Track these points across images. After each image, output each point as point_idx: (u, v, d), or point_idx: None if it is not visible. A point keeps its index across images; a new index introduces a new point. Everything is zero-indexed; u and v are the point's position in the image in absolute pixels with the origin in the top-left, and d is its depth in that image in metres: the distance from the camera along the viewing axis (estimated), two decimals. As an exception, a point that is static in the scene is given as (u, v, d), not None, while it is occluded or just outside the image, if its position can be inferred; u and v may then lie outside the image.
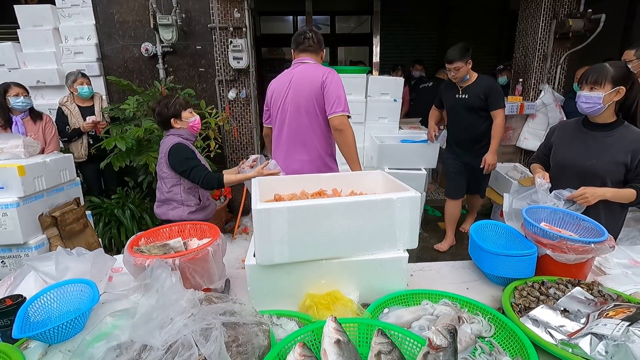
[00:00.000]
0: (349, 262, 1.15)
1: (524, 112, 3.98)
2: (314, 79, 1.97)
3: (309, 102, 1.99)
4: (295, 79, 2.02)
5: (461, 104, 2.92)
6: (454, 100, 2.96)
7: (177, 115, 1.96)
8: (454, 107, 3.00)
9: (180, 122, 1.97)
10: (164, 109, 1.95)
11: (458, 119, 3.01)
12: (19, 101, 2.80)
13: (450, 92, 3.00)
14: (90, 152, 3.39)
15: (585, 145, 1.66)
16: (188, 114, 1.99)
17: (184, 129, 1.98)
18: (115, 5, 3.90)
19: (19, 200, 1.98)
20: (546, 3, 3.91)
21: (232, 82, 4.07)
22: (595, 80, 1.55)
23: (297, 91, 2.00)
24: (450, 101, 3.02)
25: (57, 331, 0.95)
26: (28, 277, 1.26)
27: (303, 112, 2.01)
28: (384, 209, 1.12)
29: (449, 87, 3.03)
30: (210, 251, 1.12)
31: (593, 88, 1.56)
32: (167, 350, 0.76)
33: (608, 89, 1.53)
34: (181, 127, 1.98)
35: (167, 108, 1.94)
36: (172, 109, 1.94)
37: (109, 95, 4.10)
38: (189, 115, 1.99)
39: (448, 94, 3.03)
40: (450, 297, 1.16)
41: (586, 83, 1.58)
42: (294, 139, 2.06)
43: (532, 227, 1.32)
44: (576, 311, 1.05)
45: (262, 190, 1.32)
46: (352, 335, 0.91)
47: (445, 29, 7.35)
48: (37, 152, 2.30)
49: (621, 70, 1.54)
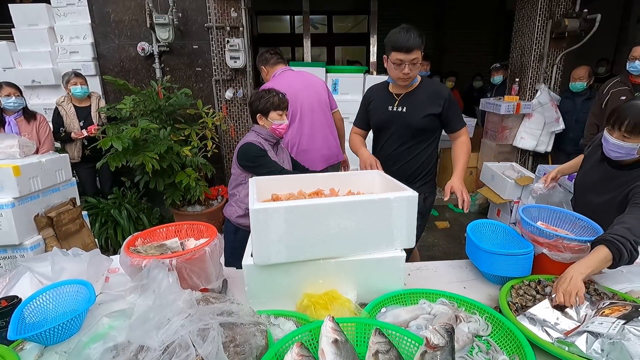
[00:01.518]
0: (346, 262, 1.15)
1: (520, 111, 4.00)
2: (320, 83, 2.57)
3: (324, 99, 2.54)
4: (308, 82, 2.49)
5: (398, 122, 1.87)
6: (387, 115, 1.89)
7: (265, 112, 1.90)
8: (385, 125, 1.92)
9: (265, 120, 1.91)
10: (255, 101, 1.92)
11: (390, 144, 1.93)
12: (10, 101, 2.78)
13: (380, 102, 1.93)
14: (85, 153, 3.36)
15: (606, 178, 1.51)
16: (276, 115, 1.90)
17: (266, 129, 1.92)
18: (111, 4, 3.88)
19: (14, 200, 1.96)
20: (542, 3, 3.94)
21: (229, 81, 4.06)
22: (632, 130, 1.30)
23: (315, 91, 2.49)
24: (381, 116, 1.92)
25: (53, 332, 0.95)
26: (24, 278, 1.25)
27: (324, 107, 2.54)
28: (382, 209, 1.13)
29: (380, 95, 1.95)
30: (207, 251, 1.12)
31: (626, 137, 1.33)
32: (164, 350, 0.75)
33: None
34: (264, 125, 1.93)
35: (258, 101, 1.91)
36: (262, 104, 1.90)
37: (105, 95, 4.08)
38: (276, 117, 1.91)
39: (378, 105, 1.94)
40: (447, 296, 1.16)
41: (619, 129, 1.33)
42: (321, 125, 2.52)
43: (529, 226, 1.33)
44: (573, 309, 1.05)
45: (260, 190, 1.32)
46: (349, 334, 0.91)
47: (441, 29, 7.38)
48: (32, 152, 2.29)
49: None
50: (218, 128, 3.99)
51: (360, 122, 2.09)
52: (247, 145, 1.87)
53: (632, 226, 1.18)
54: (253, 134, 1.94)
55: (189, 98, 3.72)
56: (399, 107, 1.87)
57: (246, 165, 1.89)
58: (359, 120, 2.09)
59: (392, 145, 1.93)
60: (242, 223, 1.94)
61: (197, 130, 3.63)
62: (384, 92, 1.95)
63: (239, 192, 1.96)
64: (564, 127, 3.77)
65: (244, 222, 1.94)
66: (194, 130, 3.60)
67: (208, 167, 3.64)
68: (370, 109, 1.99)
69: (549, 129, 3.90)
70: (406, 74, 1.73)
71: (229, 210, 2.01)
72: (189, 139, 3.57)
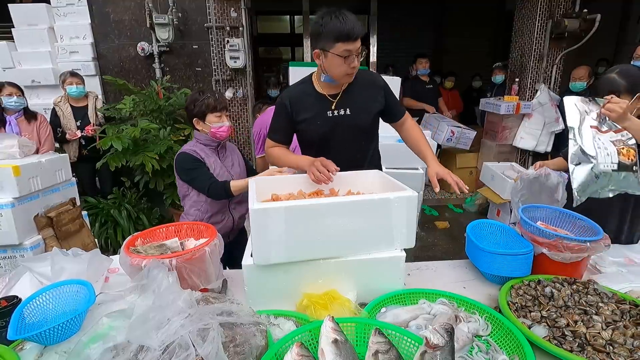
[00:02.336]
0: (346, 262, 1.15)
1: (520, 111, 4.01)
2: None
3: None
4: None
5: (342, 127, 1.58)
6: (328, 122, 1.57)
7: (201, 116, 1.75)
8: (327, 135, 1.58)
9: (202, 124, 1.76)
10: (189, 105, 1.78)
11: (336, 153, 1.54)
12: (11, 101, 2.78)
13: (312, 109, 1.57)
14: (82, 153, 3.36)
15: None
16: (214, 117, 1.74)
17: (206, 133, 1.77)
18: (111, 4, 3.88)
19: (14, 200, 1.97)
20: (542, 3, 3.94)
21: (229, 81, 4.06)
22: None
23: None
24: (320, 126, 1.57)
25: (53, 332, 0.95)
26: (23, 278, 1.26)
27: None
28: (381, 209, 1.13)
29: (307, 101, 1.57)
30: (207, 251, 1.12)
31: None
32: (164, 350, 0.75)
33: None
34: (203, 130, 1.77)
35: (192, 105, 1.76)
36: (198, 107, 1.74)
37: (105, 95, 4.08)
38: (214, 120, 1.75)
39: (311, 115, 1.57)
40: (447, 296, 1.16)
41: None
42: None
43: (529, 226, 1.33)
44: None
45: (260, 190, 1.32)
46: (349, 334, 0.91)
47: (441, 29, 7.38)
48: (32, 152, 2.29)
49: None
50: (218, 128, 3.99)
51: (282, 135, 1.64)
52: (181, 155, 1.75)
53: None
54: (192, 142, 1.82)
55: (189, 98, 3.72)
56: (340, 109, 1.57)
57: (181, 177, 1.79)
58: (279, 133, 1.64)
59: (340, 152, 1.58)
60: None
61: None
62: (312, 96, 1.57)
63: (186, 204, 1.85)
64: (564, 127, 3.77)
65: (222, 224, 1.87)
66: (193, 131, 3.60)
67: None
68: (299, 121, 1.57)
69: (548, 129, 3.90)
70: (354, 67, 1.43)
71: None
72: (189, 139, 3.57)
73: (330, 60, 1.42)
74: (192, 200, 1.82)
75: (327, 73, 1.48)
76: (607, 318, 1.01)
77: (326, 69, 1.47)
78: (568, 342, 0.94)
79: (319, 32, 1.39)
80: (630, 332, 0.95)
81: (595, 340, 0.93)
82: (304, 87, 1.60)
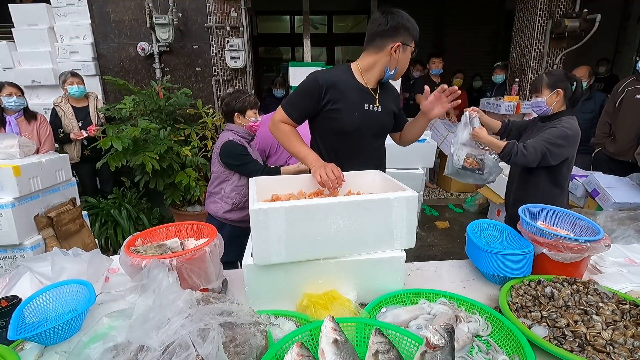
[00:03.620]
0: (346, 262, 1.15)
1: (520, 111, 4.01)
2: None
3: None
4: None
5: (370, 124, 1.57)
6: (363, 115, 1.53)
7: (242, 111, 2.04)
8: (357, 129, 1.54)
9: (243, 118, 2.05)
10: (232, 100, 2.04)
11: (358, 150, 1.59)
12: (11, 101, 2.78)
13: (352, 97, 1.51)
14: (84, 153, 3.36)
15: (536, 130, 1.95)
16: (252, 114, 2.06)
17: (243, 127, 2.06)
18: (111, 4, 3.88)
19: (15, 200, 1.97)
20: (542, 3, 3.94)
21: (229, 81, 4.06)
22: (532, 89, 1.94)
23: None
24: (356, 117, 1.52)
25: (53, 332, 0.95)
26: (24, 278, 1.26)
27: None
28: (382, 209, 1.13)
29: (348, 88, 1.52)
30: (207, 251, 1.12)
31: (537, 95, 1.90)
32: (164, 350, 0.75)
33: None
34: (241, 123, 2.06)
35: (235, 101, 2.04)
36: (240, 104, 2.03)
37: (105, 95, 4.08)
38: (252, 115, 2.06)
39: (350, 102, 1.51)
40: (447, 296, 1.16)
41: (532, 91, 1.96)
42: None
43: (529, 226, 1.33)
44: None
45: (260, 190, 1.32)
46: (349, 334, 0.91)
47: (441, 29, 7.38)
48: (32, 152, 2.29)
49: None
50: (218, 128, 3.99)
51: (300, 114, 1.54)
52: (229, 143, 1.98)
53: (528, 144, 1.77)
54: (230, 133, 2.05)
55: (189, 98, 3.72)
56: (375, 105, 1.55)
57: (230, 163, 2.00)
58: (298, 111, 1.54)
59: (367, 147, 1.58)
60: (230, 218, 2.06)
61: (197, 130, 3.64)
62: (353, 85, 1.52)
63: (224, 189, 2.06)
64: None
65: (232, 216, 2.07)
66: (194, 130, 3.60)
67: (208, 167, 3.64)
68: (333, 108, 1.50)
69: (549, 129, 3.90)
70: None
71: (214, 207, 2.09)
72: (189, 139, 3.57)
73: (407, 56, 1.50)
74: (234, 184, 2.05)
75: (397, 67, 1.51)
76: (608, 318, 1.01)
77: (399, 63, 1.50)
78: (568, 342, 0.94)
79: (406, 26, 1.45)
80: (631, 332, 0.95)
81: (596, 341, 0.93)
82: (343, 76, 1.54)
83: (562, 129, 1.75)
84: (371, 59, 1.51)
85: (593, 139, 3.30)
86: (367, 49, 1.52)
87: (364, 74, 1.54)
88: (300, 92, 1.54)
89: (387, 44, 1.46)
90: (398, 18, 1.44)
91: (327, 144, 1.60)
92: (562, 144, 1.74)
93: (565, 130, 1.75)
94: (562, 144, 1.74)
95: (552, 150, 1.73)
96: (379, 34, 1.46)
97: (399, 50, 1.46)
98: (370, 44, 1.50)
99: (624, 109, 2.91)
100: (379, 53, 1.49)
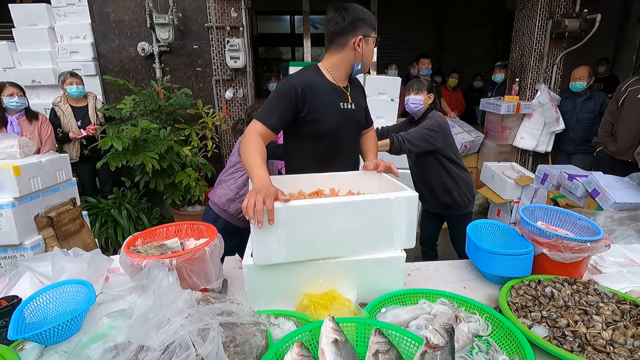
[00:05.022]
0: (346, 262, 1.15)
1: (520, 111, 4.00)
2: None
3: None
4: None
5: (347, 123, 1.56)
6: (339, 115, 1.51)
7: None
8: (335, 129, 1.52)
9: None
10: (253, 111, 2.14)
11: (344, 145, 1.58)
12: (13, 101, 2.78)
13: (327, 98, 1.49)
14: (83, 153, 3.36)
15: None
16: None
17: None
18: (111, 4, 3.88)
19: (15, 200, 1.97)
20: (542, 3, 3.94)
21: (229, 81, 4.06)
22: (413, 88, 2.27)
23: None
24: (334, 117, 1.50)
25: (53, 332, 0.95)
26: (24, 278, 1.26)
27: None
28: (382, 209, 1.13)
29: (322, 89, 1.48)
30: (207, 251, 1.12)
31: (417, 93, 2.25)
32: (164, 350, 0.75)
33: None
34: None
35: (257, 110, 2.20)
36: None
37: (105, 95, 4.08)
38: None
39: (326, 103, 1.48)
40: (447, 296, 1.16)
41: (409, 89, 2.28)
42: None
43: (529, 226, 1.33)
44: None
45: (260, 190, 1.32)
46: (349, 334, 0.91)
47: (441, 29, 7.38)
48: (32, 152, 2.29)
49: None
50: (218, 128, 3.99)
51: (278, 120, 1.42)
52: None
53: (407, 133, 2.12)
54: None
55: (189, 98, 3.72)
56: (349, 103, 1.54)
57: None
58: (274, 116, 1.42)
59: (347, 147, 1.58)
60: (228, 209, 2.11)
61: (197, 130, 3.64)
62: (326, 87, 1.49)
63: (237, 177, 2.14)
64: (564, 127, 3.77)
65: (230, 207, 2.12)
66: (194, 130, 3.60)
67: (208, 167, 3.65)
68: (310, 111, 1.45)
69: (549, 129, 3.90)
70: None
71: (220, 192, 2.15)
72: (189, 139, 3.57)
73: (370, 47, 1.49)
74: (246, 176, 2.09)
75: (362, 61, 1.50)
76: (608, 318, 1.01)
77: (364, 56, 1.49)
78: (568, 342, 0.94)
79: (363, 18, 1.43)
80: (631, 332, 0.95)
81: (596, 341, 0.93)
82: (314, 77, 1.49)
83: (434, 119, 2.19)
84: (336, 58, 1.50)
85: (595, 138, 3.31)
86: (330, 48, 1.51)
87: (333, 72, 1.52)
88: (277, 96, 1.45)
89: (348, 40, 1.45)
90: (353, 12, 1.43)
91: (305, 149, 1.56)
92: (438, 130, 2.15)
93: (437, 120, 2.19)
94: (437, 130, 2.15)
95: (431, 134, 2.13)
96: (339, 32, 1.44)
97: (361, 44, 1.45)
98: (332, 44, 1.49)
99: (627, 108, 2.92)
100: (343, 50, 1.48)
